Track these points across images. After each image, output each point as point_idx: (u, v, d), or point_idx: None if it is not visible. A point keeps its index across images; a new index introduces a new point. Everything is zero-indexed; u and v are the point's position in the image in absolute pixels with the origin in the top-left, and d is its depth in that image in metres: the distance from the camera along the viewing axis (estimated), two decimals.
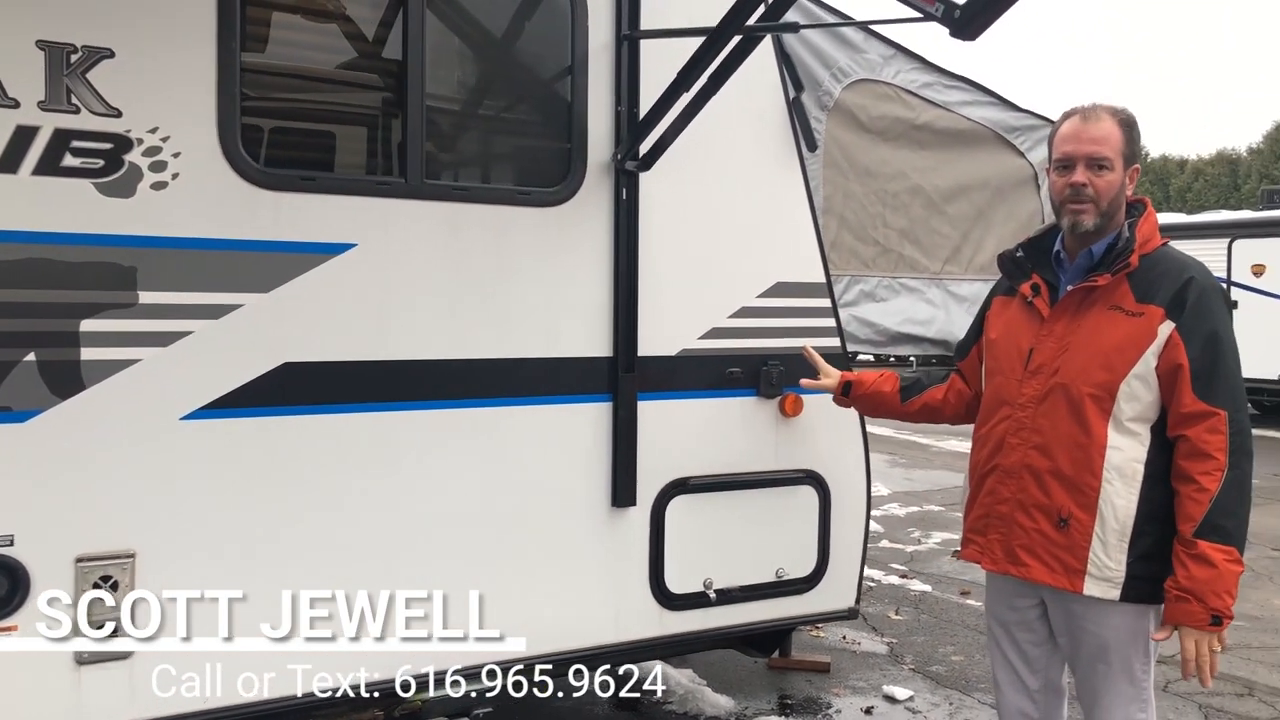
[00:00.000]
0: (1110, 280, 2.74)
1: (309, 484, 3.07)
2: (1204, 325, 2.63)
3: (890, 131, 4.46)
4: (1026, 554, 2.84)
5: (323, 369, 3.06)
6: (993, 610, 3.10)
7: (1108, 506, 2.70)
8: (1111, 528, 2.70)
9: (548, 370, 3.41)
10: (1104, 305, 2.75)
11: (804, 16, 3.98)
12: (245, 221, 2.94)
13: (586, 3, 3.40)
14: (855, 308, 4.38)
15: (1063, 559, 2.77)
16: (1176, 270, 2.70)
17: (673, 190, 3.58)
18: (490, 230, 3.29)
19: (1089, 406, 2.72)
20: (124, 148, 2.78)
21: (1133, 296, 2.71)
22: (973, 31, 2.38)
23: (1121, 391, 2.68)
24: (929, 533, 8.52)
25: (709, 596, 3.69)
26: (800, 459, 3.89)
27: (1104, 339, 2.72)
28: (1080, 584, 2.74)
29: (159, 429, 2.86)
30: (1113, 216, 2.78)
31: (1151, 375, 2.66)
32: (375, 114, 3.41)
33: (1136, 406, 2.69)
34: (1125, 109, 2.82)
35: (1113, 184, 2.74)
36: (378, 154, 3.39)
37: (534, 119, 3.68)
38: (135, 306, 2.81)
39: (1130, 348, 2.68)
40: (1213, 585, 2.57)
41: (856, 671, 5.36)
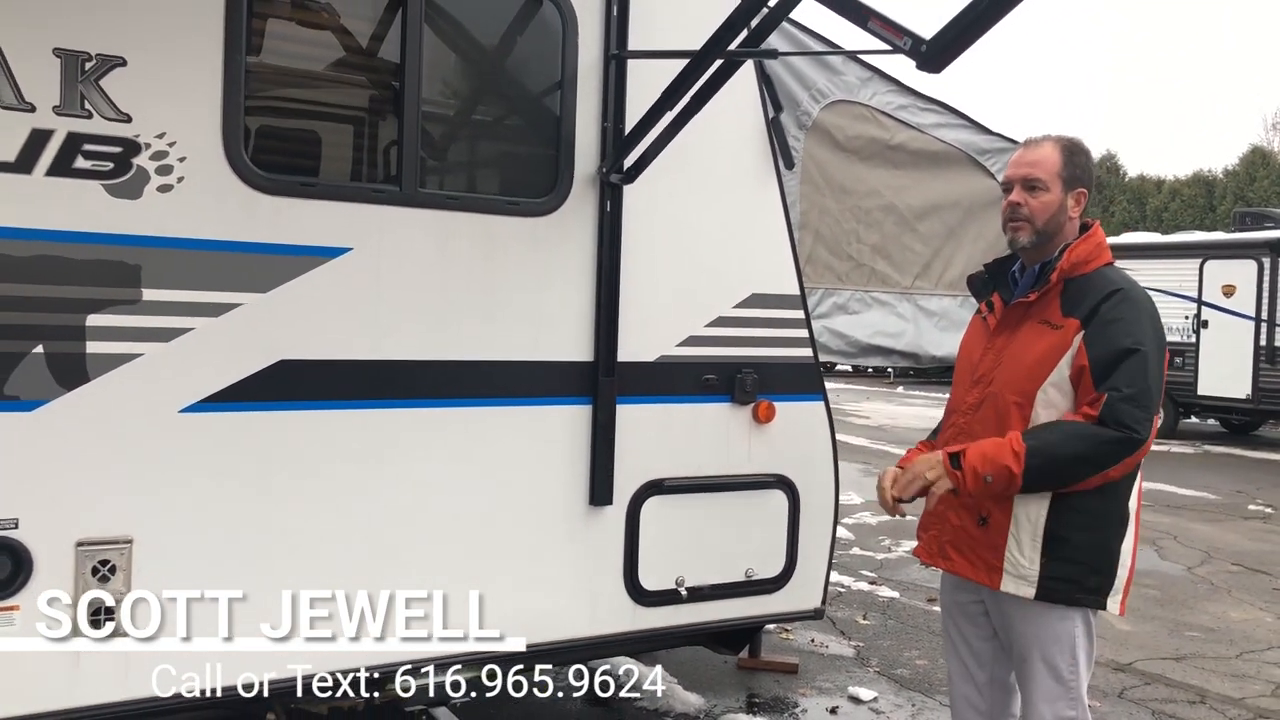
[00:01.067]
0: (1038, 297, 2.90)
1: (301, 476, 3.19)
2: (1110, 329, 2.76)
3: (865, 151, 4.63)
4: (953, 550, 3.01)
5: (317, 367, 3.19)
6: (943, 601, 3.29)
7: (1020, 509, 2.84)
8: (1025, 527, 2.84)
9: (531, 372, 3.55)
10: (1035, 320, 2.91)
11: (786, 39, 4.16)
12: (246, 224, 3.07)
13: (577, 23, 3.55)
14: (828, 320, 4.54)
15: (984, 556, 2.92)
16: (1102, 286, 2.84)
17: (655, 203, 3.73)
18: (480, 237, 3.43)
19: (1012, 413, 2.88)
20: (132, 151, 2.91)
21: (1060, 311, 2.86)
22: (938, 65, 2.53)
23: (1039, 398, 2.84)
24: (899, 541, 8.69)
25: (680, 594, 3.83)
26: (771, 464, 4.03)
27: (1030, 351, 2.88)
28: (998, 580, 2.89)
29: (159, 421, 2.99)
30: (1052, 236, 2.94)
31: (1066, 383, 2.81)
32: (372, 124, 3.54)
33: (1053, 413, 2.83)
34: (1072, 137, 2.99)
35: (1048, 204, 2.91)
36: (374, 162, 3.53)
37: (524, 132, 3.82)
38: (139, 303, 2.94)
39: (1048, 358, 2.83)
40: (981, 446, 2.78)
41: (823, 673, 5.51)
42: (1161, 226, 33.63)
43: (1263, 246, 15.35)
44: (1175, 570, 8.13)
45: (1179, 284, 16.15)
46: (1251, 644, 6.32)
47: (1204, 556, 8.60)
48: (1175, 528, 9.67)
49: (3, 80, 2.74)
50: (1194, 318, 15.96)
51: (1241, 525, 10.03)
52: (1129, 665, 5.84)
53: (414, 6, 3.27)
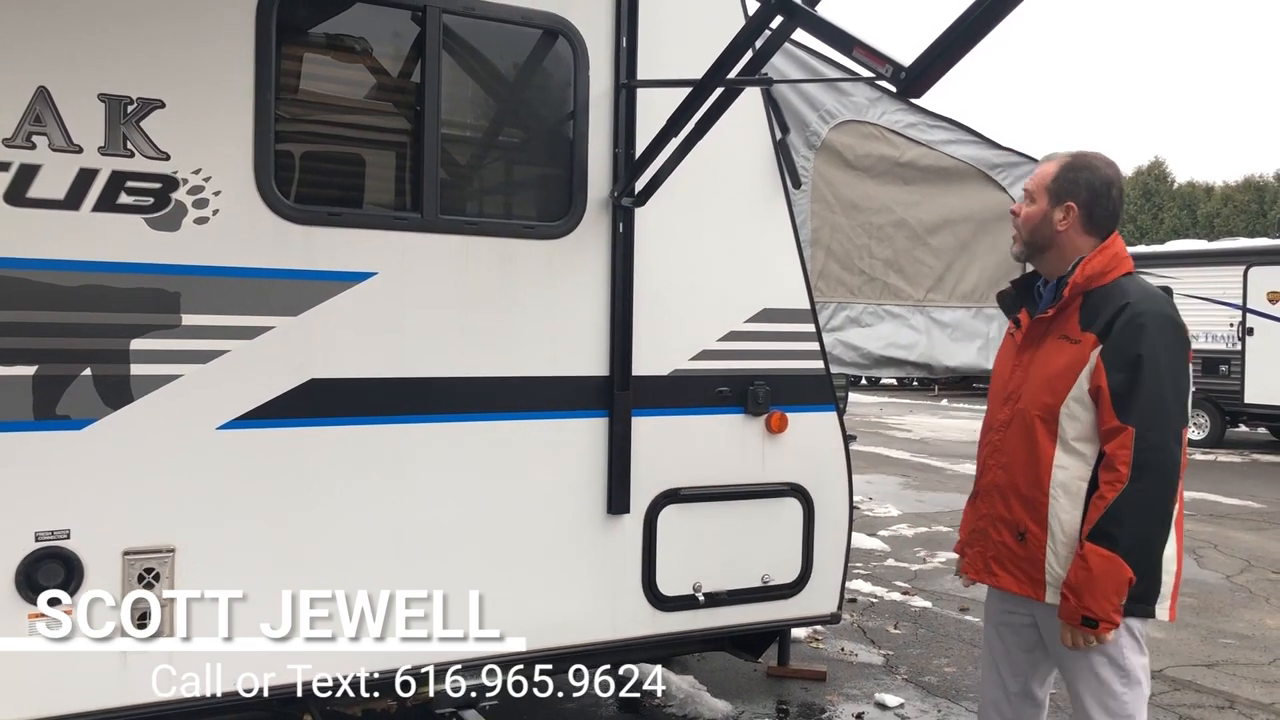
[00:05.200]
0: (1056, 311, 2.94)
1: (332, 488, 3.39)
2: (1126, 349, 2.75)
3: (876, 169, 4.76)
4: (997, 565, 3.04)
5: (345, 385, 3.39)
6: (989, 612, 3.27)
7: (1055, 521, 2.86)
8: (1060, 540, 2.85)
9: (549, 388, 3.72)
10: (1056, 335, 2.93)
11: (792, 62, 4.32)
12: (277, 252, 3.28)
13: (588, 55, 3.74)
14: (841, 332, 4.67)
15: (1027, 570, 2.94)
16: (1118, 298, 2.83)
17: (666, 223, 3.90)
18: (498, 260, 3.62)
19: (1039, 428, 2.90)
20: (171, 187, 3.14)
21: (1078, 325, 2.87)
22: (917, 90, 2.66)
23: (1062, 413, 2.86)
24: (934, 552, 8.71)
25: (698, 599, 3.97)
26: (785, 472, 4.17)
27: (1051, 366, 2.91)
28: (1043, 593, 2.90)
29: (198, 437, 3.20)
30: (1042, 248, 3.00)
31: (1086, 397, 2.82)
32: (394, 154, 3.74)
33: (1078, 426, 2.84)
34: (1083, 152, 3.01)
35: (1030, 216, 3.00)
36: (397, 190, 3.73)
37: (539, 159, 4.00)
38: (179, 328, 3.16)
39: (1069, 373, 2.85)
40: (1089, 586, 2.71)
41: (851, 680, 5.58)
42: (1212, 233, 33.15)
43: None
44: (1214, 578, 8.08)
45: (1223, 291, 15.95)
46: None
47: (1244, 565, 8.53)
48: (1217, 536, 9.59)
49: (53, 124, 2.98)
50: (1239, 325, 15.74)
51: None
52: (1159, 672, 5.84)
53: (432, 42, 3.47)
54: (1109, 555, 2.70)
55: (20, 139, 2.95)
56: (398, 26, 3.52)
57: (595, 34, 3.75)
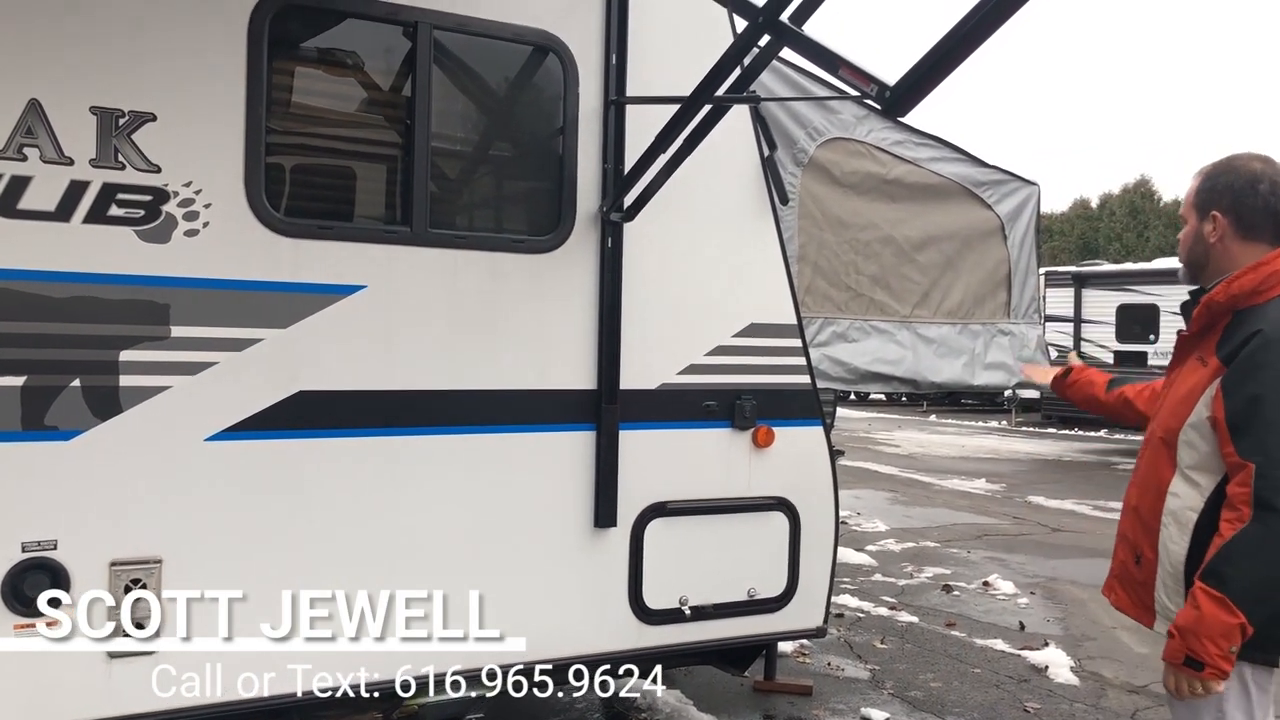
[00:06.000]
0: (1198, 330, 2.77)
1: (320, 501, 3.40)
2: (1247, 380, 2.55)
3: (862, 186, 4.80)
4: (1118, 584, 2.94)
5: (334, 397, 3.41)
6: None
7: (1164, 550, 2.71)
8: (1168, 570, 2.70)
9: (537, 401, 3.74)
10: (1194, 355, 2.76)
11: (781, 81, 4.36)
12: (267, 265, 3.30)
13: (578, 71, 3.77)
14: (828, 348, 4.70)
15: (1139, 594, 2.82)
16: (1254, 323, 2.60)
17: (654, 239, 3.93)
18: (487, 274, 3.64)
19: (1162, 451, 2.77)
20: (162, 199, 3.15)
21: (1214, 348, 2.68)
22: (902, 109, 2.71)
23: (1180, 439, 2.69)
24: (922, 567, 8.72)
25: (684, 613, 3.99)
26: (771, 487, 4.19)
27: (1182, 387, 2.75)
28: (1152, 620, 2.77)
29: (186, 449, 3.21)
30: (1201, 265, 2.82)
31: (1204, 425, 2.63)
32: (385, 168, 3.77)
33: (1194, 455, 2.67)
34: (1226, 158, 2.81)
35: (1185, 236, 2.85)
36: (387, 204, 3.75)
37: (528, 174, 4.04)
38: (168, 339, 3.17)
39: (1191, 397, 2.68)
40: (1195, 627, 2.51)
41: (838, 695, 5.59)
42: None
43: None
44: None
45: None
46: None
47: None
48: None
49: (45, 136, 3.00)
50: None
51: None
52: (1143, 687, 5.87)
53: (423, 57, 3.50)
54: (1219, 596, 2.48)
55: (12, 151, 2.97)
56: (389, 42, 3.55)
57: (585, 51, 3.79)
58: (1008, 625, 6.93)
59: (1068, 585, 8.16)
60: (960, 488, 13.64)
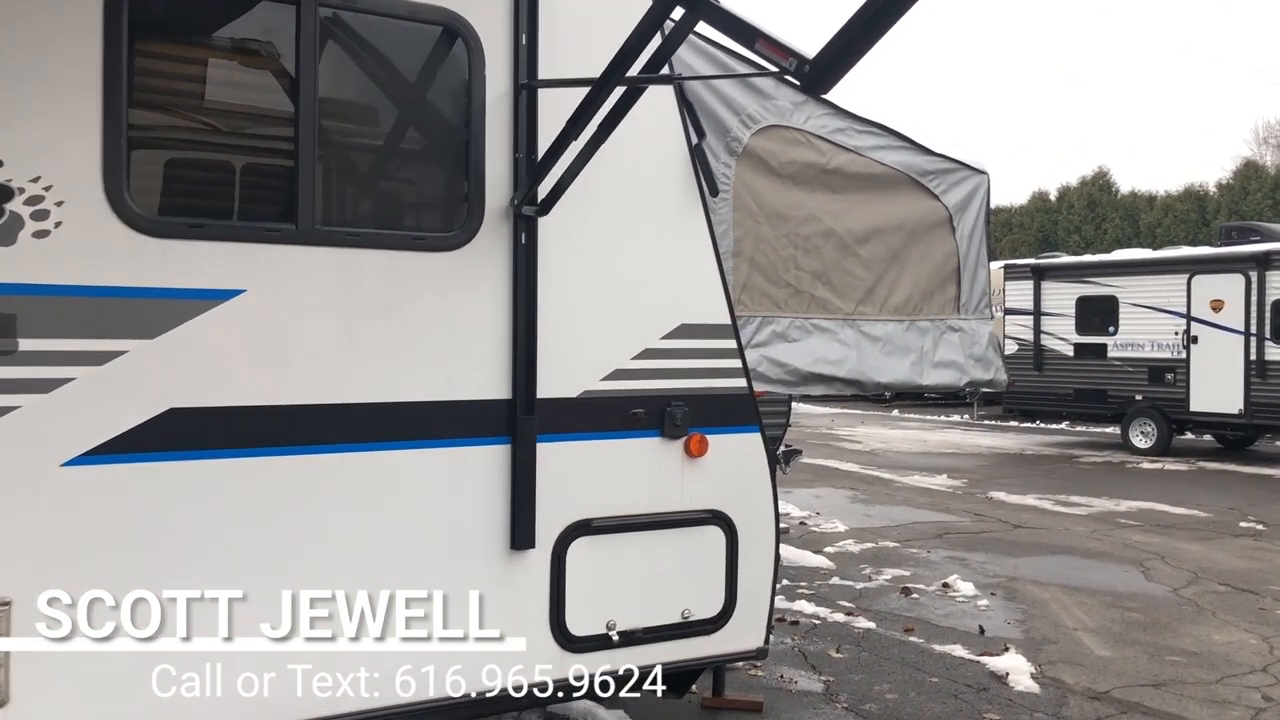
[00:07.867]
0: None
1: (195, 530, 3.06)
2: None
3: (801, 176, 4.52)
4: None
5: (210, 414, 3.07)
6: None
7: None
8: None
9: (444, 413, 3.43)
10: None
11: (708, 61, 4.07)
12: (130, 268, 2.96)
13: (484, 52, 3.46)
14: (767, 348, 4.42)
15: None
16: None
17: (573, 234, 3.63)
18: (384, 275, 3.32)
19: None
20: (5, 196, 2.81)
21: None
22: (823, 85, 2.44)
23: None
24: (880, 569, 8.51)
25: (611, 638, 3.69)
26: (706, 499, 3.90)
27: None
28: None
29: (39, 476, 2.87)
30: None
31: None
32: (267, 161, 3.43)
33: None
34: None
35: None
36: (270, 200, 3.42)
37: (430, 165, 3.72)
38: (14, 354, 2.82)
39: None
40: None
41: (789, 710, 5.34)
42: (1155, 243, 33.58)
43: (1249, 260, 15.26)
44: (1160, 591, 7.95)
45: (1168, 300, 16.07)
46: (1233, 667, 6.14)
47: (1191, 577, 8.42)
48: (1164, 548, 9.49)
49: None
50: (1184, 333, 15.84)
51: (1232, 543, 9.84)
52: (1105, 693, 5.67)
53: (308, 37, 3.17)
54: None
55: None
56: (270, 20, 3.22)
57: (492, 31, 3.48)
58: (967, 629, 6.71)
59: (1028, 585, 7.99)
60: (922, 484, 13.49)
